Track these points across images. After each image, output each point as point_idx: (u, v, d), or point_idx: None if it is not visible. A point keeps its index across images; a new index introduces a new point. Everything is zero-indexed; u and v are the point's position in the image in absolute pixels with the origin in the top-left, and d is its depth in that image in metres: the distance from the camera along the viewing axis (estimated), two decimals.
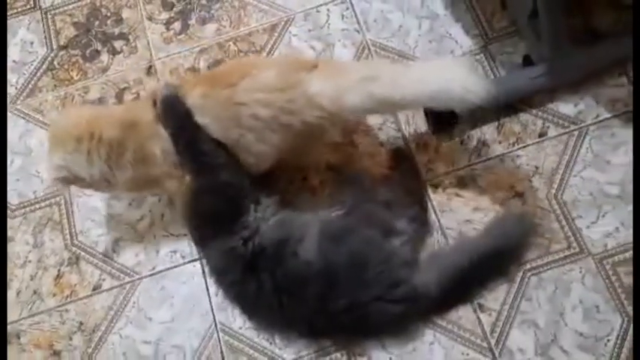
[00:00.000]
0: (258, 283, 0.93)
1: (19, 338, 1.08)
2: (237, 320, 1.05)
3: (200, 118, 0.94)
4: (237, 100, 0.92)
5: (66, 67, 1.30)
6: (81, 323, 1.09)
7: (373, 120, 1.15)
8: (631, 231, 1.03)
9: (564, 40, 1.08)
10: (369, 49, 1.22)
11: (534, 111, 1.13)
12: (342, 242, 0.92)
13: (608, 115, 1.11)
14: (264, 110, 0.92)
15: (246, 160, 0.97)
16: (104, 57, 1.30)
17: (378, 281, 0.91)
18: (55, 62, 1.31)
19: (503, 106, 1.12)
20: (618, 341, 0.96)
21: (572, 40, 1.10)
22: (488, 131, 1.12)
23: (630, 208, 1.04)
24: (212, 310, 1.06)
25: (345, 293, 0.90)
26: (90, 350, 1.06)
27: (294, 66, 0.95)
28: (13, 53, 1.31)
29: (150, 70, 1.26)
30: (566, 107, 1.12)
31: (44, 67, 1.30)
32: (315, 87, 0.92)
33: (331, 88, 0.92)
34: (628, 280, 1.00)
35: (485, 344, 0.99)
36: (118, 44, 1.30)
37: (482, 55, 1.18)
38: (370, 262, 0.92)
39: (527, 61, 1.12)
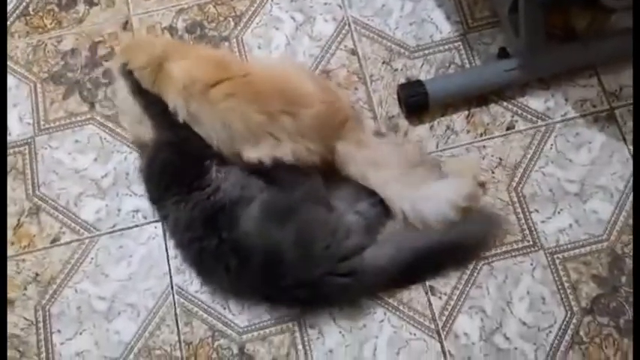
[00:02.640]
0: (218, 240, 0.94)
1: None
2: (194, 284, 1.06)
3: (209, 117, 0.97)
4: (271, 131, 0.97)
5: (40, 14, 1.27)
6: (37, 274, 1.09)
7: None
8: (583, 229, 1.06)
9: (541, 37, 1.09)
10: (349, 25, 1.22)
11: (505, 103, 1.14)
12: (286, 222, 0.93)
13: (576, 115, 1.13)
14: (293, 145, 0.97)
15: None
16: (80, 7, 1.27)
17: (326, 257, 0.92)
18: (30, 8, 1.27)
19: (475, 97, 1.14)
20: (559, 333, 1.00)
21: (548, 36, 1.11)
22: (457, 120, 1.14)
23: (586, 207, 1.07)
24: (170, 272, 1.07)
25: (293, 270, 0.92)
26: (44, 302, 1.07)
27: (333, 114, 1.03)
28: None
29: (126, 26, 1.24)
30: (536, 102, 1.14)
31: (18, 12, 1.27)
32: (342, 150, 1.01)
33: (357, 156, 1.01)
34: (575, 276, 1.03)
35: (433, 326, 1.02)
36: None
37: (460, 42, 1.19)
38: (316, 238, 0.93)
39: (503, 54, 1.13)
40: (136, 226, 1.10)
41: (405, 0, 1.23)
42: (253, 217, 0.93)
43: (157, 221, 1.10)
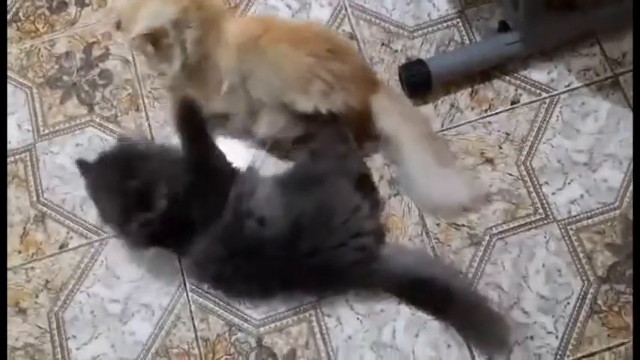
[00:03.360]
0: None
1: None
2: None
3: (262, 67, 0.97)
4: (321, 74, 0.97)
5: (32, 18, 1.25)
6: (47, 281, 1.07)
7: None
8: (595, 198, 1.05)
9: (540, 7, 1.08)
10: (345, 9, 1.20)
11: (508, 78, 1.13)
12: (313, 189, 0.94)
13: (580, 84, 1.12)
14: (342, 93, 0.99)
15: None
16: (72, 9, 1.25)
17: (343, 229, 0.93)
18: (20, 13, 1.25)
19: (478, 73, 1.12)
20: (578, 303, 1.00)
21: (547, 6, 1.10)
22: (461, 97, 1.12)
23: (595, 176, 1.06)
24: (181, 269, 1.06)
25: (310, 237, 0.93)
26: (56, 309, 1.06)
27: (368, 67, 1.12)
28: None
29: (119, 25, 1.22)
30: (539, 75, 1.13)
31: (8, 18, 1.25)
32: (377, 103, 1.04)
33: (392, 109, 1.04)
34: (590, 246, 1.03)
35: None
36: None
37: (458, 19, 1.18)
38: (337, 210, 0.94)
39: (504, 27, 1.11)
40: None
41: None
42: (267, 197, 0.94)
43: None
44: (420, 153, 1.02)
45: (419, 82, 1.10)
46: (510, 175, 1.07)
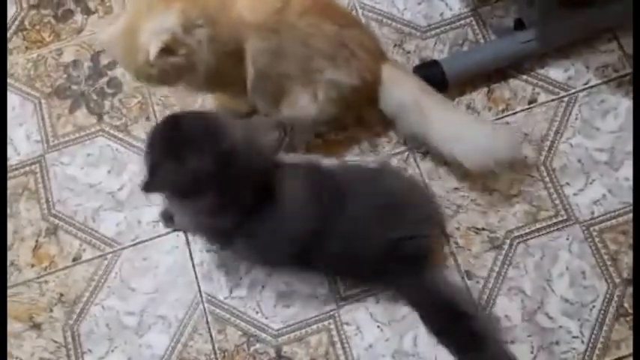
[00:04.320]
0: None
1: None
2: (222, 290, 1.04)
3: (289, 42, 0.94)
4: (345, 42, 0.97)
5: (37, 27, 1.23)
6: (61, 295, 1.06)
7: None
8: (618, 198, 1.03)
9: (555, 4, 1.06)
10: (356, 10, 1.18)
11: (524, 77, 1.11)
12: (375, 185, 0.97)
13: (598, 81, 1.09)
14: (364, 60, 0.99)
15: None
16: (78, 17, 1.23)
17: (413, 224, 0.96)
18: (26, 22, 1.24)
19: (494, 72, 1.10)
20: (603, 307, 0.97)
21: (563, 4, 1.07)
22: (478, 97, 1.10)
23: (618, 175, 1.04)
24: (197, 280, 1.04)
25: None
26: (71, 322, 1.04)
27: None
28: None
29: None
30: (556, 73, 1.10)
31: (14, 27, 1.23)
32: (389, 73, 1.02)
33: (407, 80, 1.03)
34: (614, 247, 1.00)
35: None
36: (92, 3, 1.23)
37: (471, 18, 1.15)
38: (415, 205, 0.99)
39: (519, 25, 1.09)
40: (159, 236, 1.07)
41: None
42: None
43: (178, 230, 1.07)
44: (453, 112, 1.02)
45: (434, 83, 1.07)
46: (530, 176, 1.05)
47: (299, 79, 0.97)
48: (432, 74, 1.07)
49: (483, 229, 1.03)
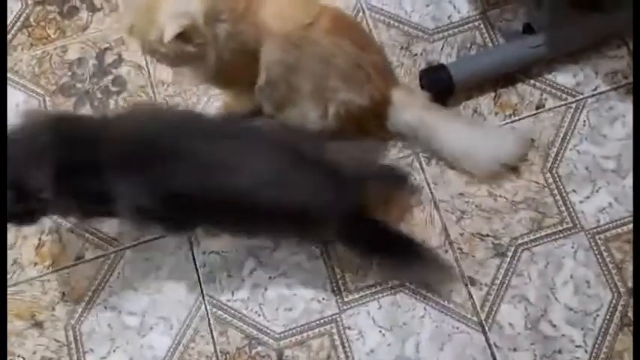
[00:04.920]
0: None
1: None
2: (225, 292, 1.03)
3: (310, 58, 0.93)
4: (362, 64, 0.97)
5: (42, 24, 1.23)
6: (63, 294, 1.06)
7: None
8: (624, 206, 1.02)
9: (565, 9, 1.05)
10: (363, 12, 1.17)
11: (532, 82, 1.10)
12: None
13: (607, 88, 1.08)
14: (377, 83, 0.99)
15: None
16: (83, 14, 1.23)
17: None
18: (31, 19, 1.23)
19: (501, 76, 1.09)
20: (607, 316, 0.97)
21: (572, 8, 1.06)
22: (484, 102, 1.09)
23: (624, 183, 1.03)
24: (199, 281, 1.04)
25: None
26: (73, 321, 1.04)
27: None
28: None
29: (132, 29, 1.20)
30: (564, 78, 1.09)
31: (19, 24, 1.23)
32: (398, 97, 1.03)
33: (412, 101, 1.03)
34: (620, 256, 1.00)
35: (475, 318, 0.99)
36: (97, 0, 1.23)
37: (480, 21, 1.14)
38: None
39: (528, 30, 1.08)
40: (162, 236, 1.07)
41: None
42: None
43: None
44: (457, 123, 1.03)
45: (440, 87, 1.07)
46: (536, 183, 1.04)
47: (310, 94, 0.97)
48: (438, 78, 1.07)
49: (488, 235, 1.02)
